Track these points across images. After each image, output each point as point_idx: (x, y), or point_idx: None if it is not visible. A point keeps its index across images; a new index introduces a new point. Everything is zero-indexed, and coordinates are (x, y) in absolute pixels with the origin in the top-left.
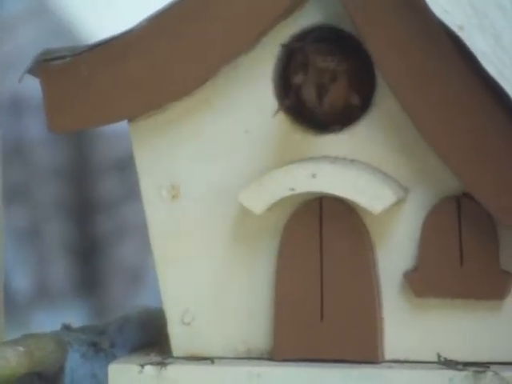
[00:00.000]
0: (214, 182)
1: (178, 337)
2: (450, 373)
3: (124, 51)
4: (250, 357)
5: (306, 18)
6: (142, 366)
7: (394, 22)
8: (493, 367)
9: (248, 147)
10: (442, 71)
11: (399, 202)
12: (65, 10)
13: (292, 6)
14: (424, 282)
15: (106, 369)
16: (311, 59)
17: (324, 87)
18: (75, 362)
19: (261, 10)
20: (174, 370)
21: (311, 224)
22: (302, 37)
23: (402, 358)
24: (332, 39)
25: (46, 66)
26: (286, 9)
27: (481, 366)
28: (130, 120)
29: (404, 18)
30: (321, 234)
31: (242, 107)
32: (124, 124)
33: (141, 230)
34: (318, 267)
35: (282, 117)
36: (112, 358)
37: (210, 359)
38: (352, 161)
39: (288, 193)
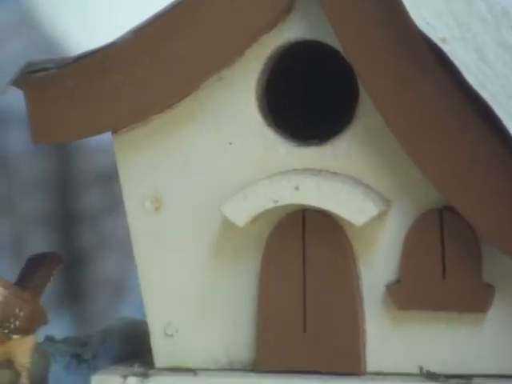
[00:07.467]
0: (197, 193)
1: (161, 348)
2: None
3: (107, 63)
4: (233, 368)
5: (289, 32)
6: (125, 377)
7: (377, 35)
8: (475, 380)
9: (231, 159)
10: (425, 85)
11: (382, 215)
12: (50, 23)
13: (275, 18)
14: (406, 295)
15: (88, 380)
16: None
17: None
18: (58, 374)
19: (244, 22)
20: (156, 382)
21: (294, 236)
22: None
23: (384, 370)
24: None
25: (29, 77)
26: (268, 21)
27: (463, 379)
28: (114, 132)
29: (387, 32)
30: (304, 247)
31: (226, 120)
32: (108, 136)
33: (124, 242)
34: (301, 279)
35: (265, 129)
36: (94, 369)
37: (192, 371)
38: (335, 173)
39: (271, 205)
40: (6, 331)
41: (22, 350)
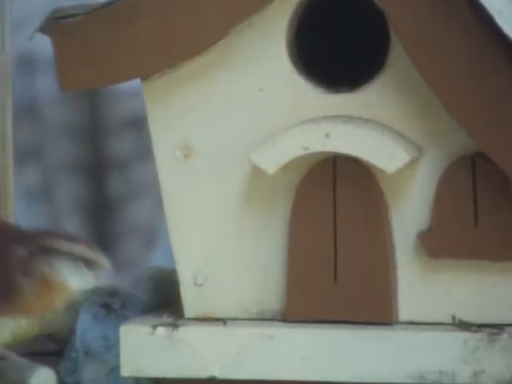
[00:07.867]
0: (227, 141)
1: (191, 298)
2: (465, 335)
3: (137, 9)
4: (263, 318)
5: None
6: (154, 327)
7: None
8: (508, 329)
9: (262, 106)
10: (457, 32)
11: (413, 162)
12: None
13: None
14: (438, 243)
15: (117, 330)
16: None
17: None
18: (86, 324)
19: None
20: (186, 332)
21: (325, 184)
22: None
23: (416, 319)
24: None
25: (57, 24)
26: None
27: (496, 328)
28: (143, 78)
29: None
30: (334, 194)
31: (256, 66)
32: (137, 82)
33: (154, 190)
34: (332, 228)
35: (295, 76)
36: (124, 319)
37: (222, 320)
38: (366, 120)
39: (301, 152)
40: None
41: None
